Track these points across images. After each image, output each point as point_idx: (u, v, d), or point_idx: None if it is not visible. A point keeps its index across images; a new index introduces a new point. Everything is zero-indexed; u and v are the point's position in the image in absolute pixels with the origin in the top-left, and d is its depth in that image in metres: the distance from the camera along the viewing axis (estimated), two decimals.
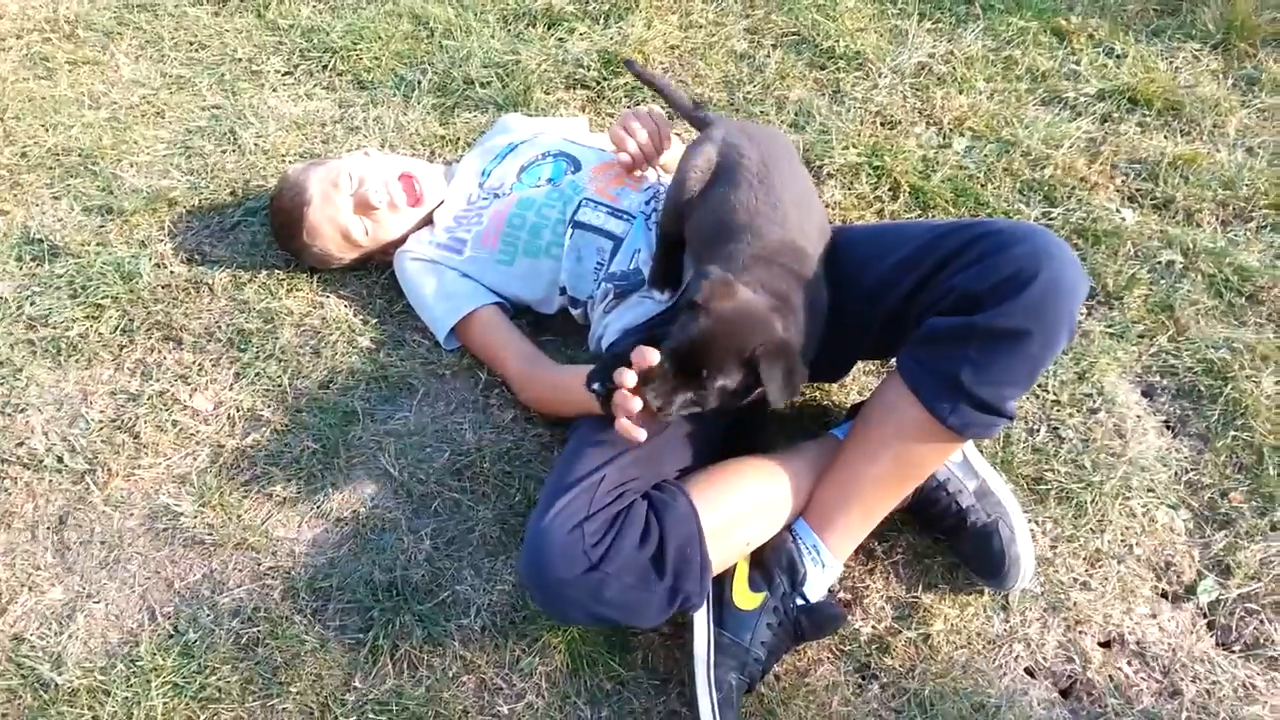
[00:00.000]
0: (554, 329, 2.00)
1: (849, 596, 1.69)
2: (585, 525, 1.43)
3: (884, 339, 1.58)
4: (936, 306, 1.45)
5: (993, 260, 1.39)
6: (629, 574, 1.42)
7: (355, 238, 2.00)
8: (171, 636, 1.63)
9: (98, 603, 1.67)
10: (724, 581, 1.58)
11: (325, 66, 2.60)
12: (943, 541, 1.72)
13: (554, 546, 1.41)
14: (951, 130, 2.37)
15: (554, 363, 1.87)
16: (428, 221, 2.05)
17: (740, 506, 1.56)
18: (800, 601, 1.56)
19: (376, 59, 2.60)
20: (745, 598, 1.56)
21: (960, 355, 1.39)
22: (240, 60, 2.63)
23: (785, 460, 1.65)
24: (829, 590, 1.61)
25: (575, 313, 1.93)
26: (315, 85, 2.56)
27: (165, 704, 1.55)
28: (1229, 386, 1.90)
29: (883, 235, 1.65)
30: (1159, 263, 2.10)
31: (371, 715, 1.54)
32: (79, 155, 2.35)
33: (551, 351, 1.92)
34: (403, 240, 2.04)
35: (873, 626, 1.66)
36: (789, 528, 1.60)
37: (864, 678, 1.61)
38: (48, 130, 2.42)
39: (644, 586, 1.44)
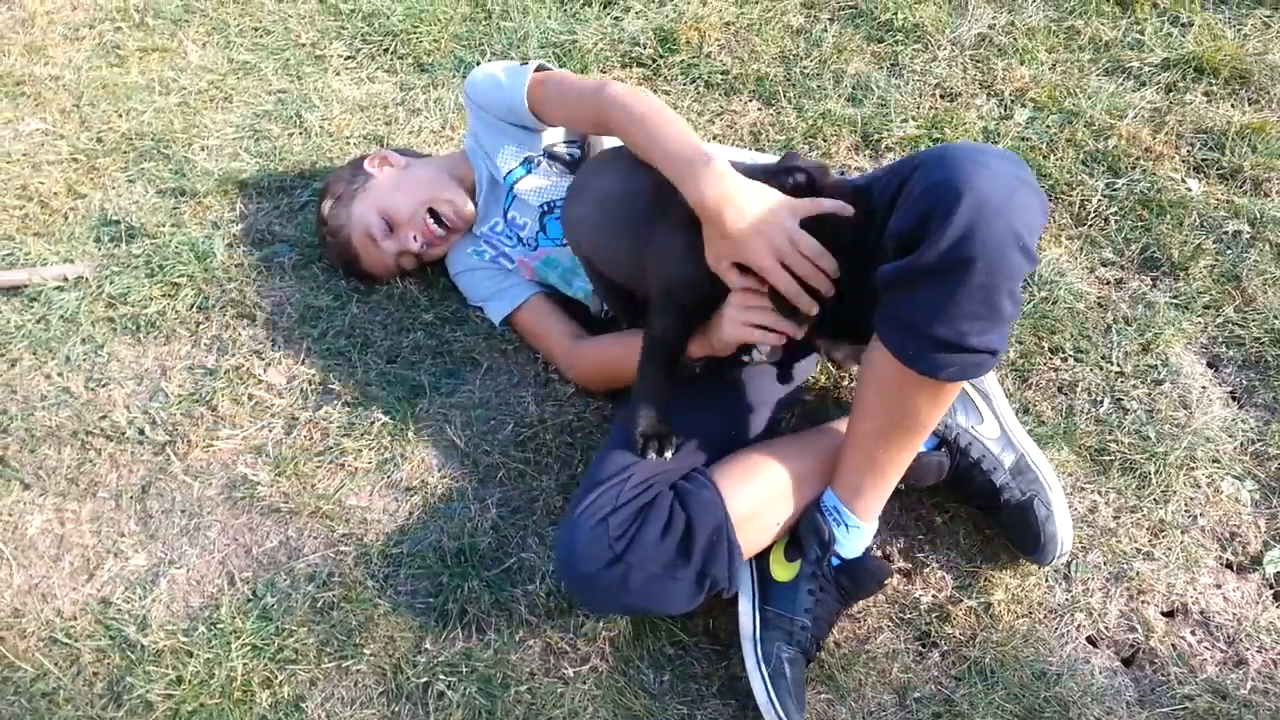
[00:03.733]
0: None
1: (909, 565, 1.70)
2: (610, 519, 1.49)
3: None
4: (887, 255, 1.36)
5: (915, 196, 1.29)
6: (653, 563, 1.47)
7: (407, 268, 2.07)
8: (250, 600, 1.69)
9: (179, 568, 1.74)
10: (764, 559, 1.62)
11: (386, 50, 2.64)
12: (981, 515, 1.73)
13: (580, 542, 1.48)
14: (1013, 101, 2.35)
15: (599, 338, 1.88)
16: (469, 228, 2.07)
17: (767, 490, 1.58)
18: (835, 562, 1.57)
19: (436, 41, 2.64)
20: (783, 569, 1.59)
21: (909, 298, 1.31)
22: (304, 45, 2.69)
23: (813, 438, 1.68)
24: (869, 550, 1.60)
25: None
26: (377, 68, 2.61)
27: (245, 664, 1.61)
28: None
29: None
30: (1225, 233, 2.07)
31: (442, 676, 1.59)
32: (152, 140, 2.42)
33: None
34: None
35: (933, 595, 1.67)
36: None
37: (924, 645, 1.63)
38: (121, 116, 2.50)
39: (669, 574, 1.48)
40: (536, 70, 1.82)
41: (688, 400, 1.67)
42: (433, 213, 1.99)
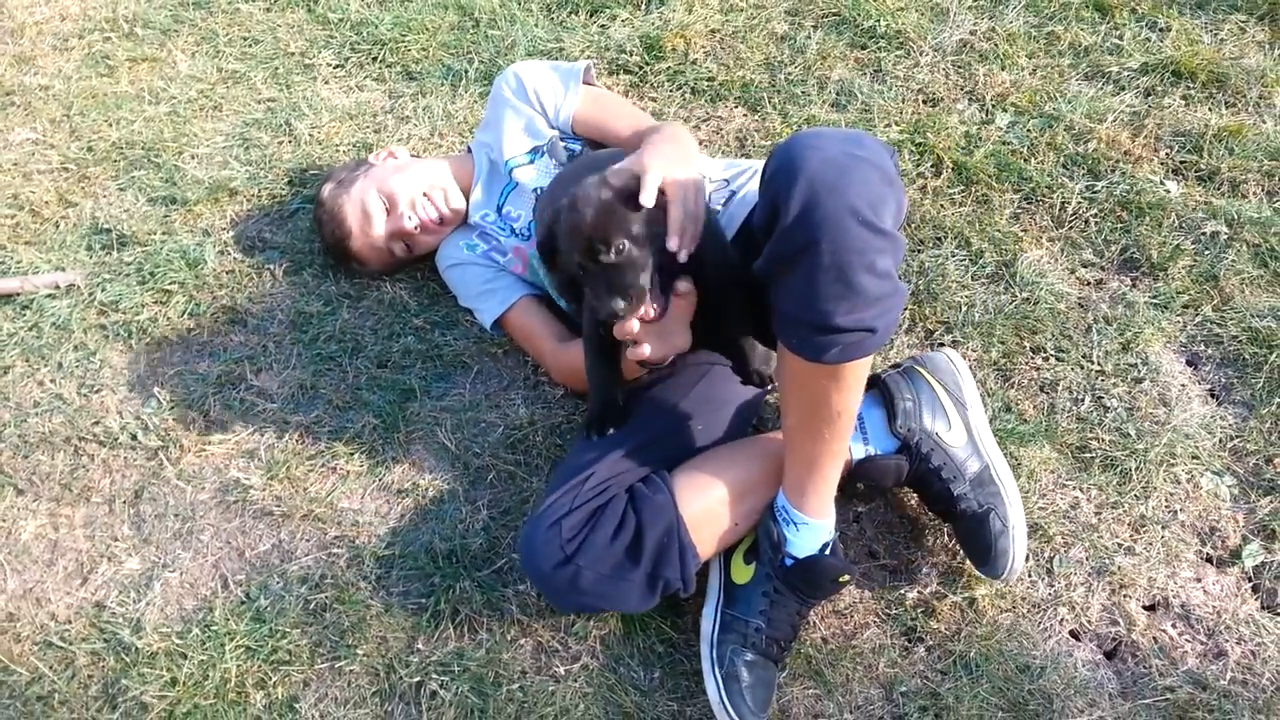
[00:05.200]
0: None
1: (895, 562, 1.73)
2: (564, 521, 1.53)
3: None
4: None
5: (764, 189, 1.33)
6: (603, 565, 1.51)
7: (398, 255, 2.08)
8: (244, 603, 1.71)
9: (173, 572, 1.75)
10: (729, 564, 1.65)
11: (375, 58, 2.66)
12: (938, 521, 1.75)
13: (536, 542, 1.53)
14: (994, 106, 2.38)
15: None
16: (463, 220, 2.10)
17: (723, 493, 1.61)
18: (789, 562, 1.57)
19: (424, 50, 2.66)
20: (740, 572, 1.63)
21: (781, 289, 1.34)
22: (293, 54, 2.71)
23: (769, 442, 1.70)
24: (827, 548, 1.59)
25: None
26: (366, 77, 2.63)
27: (239, 666, 1.63)
28: (1274, 354, 1.91)
29: None
30: (1203, 234, 2.10)
31: (435, 675, 1.61)
32: (142, 149, 2.44)
33: None
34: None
35: (918, 591, 1.69)
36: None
37: (910, 640, 1.65)
38: (111, 125, 2.51)
39: (619, 576, 1.52)
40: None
41: (654, 404, 1.71)
42: (428, 199, 2.04)
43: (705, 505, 1.58)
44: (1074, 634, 1.65)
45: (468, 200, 2.08)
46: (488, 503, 1.80)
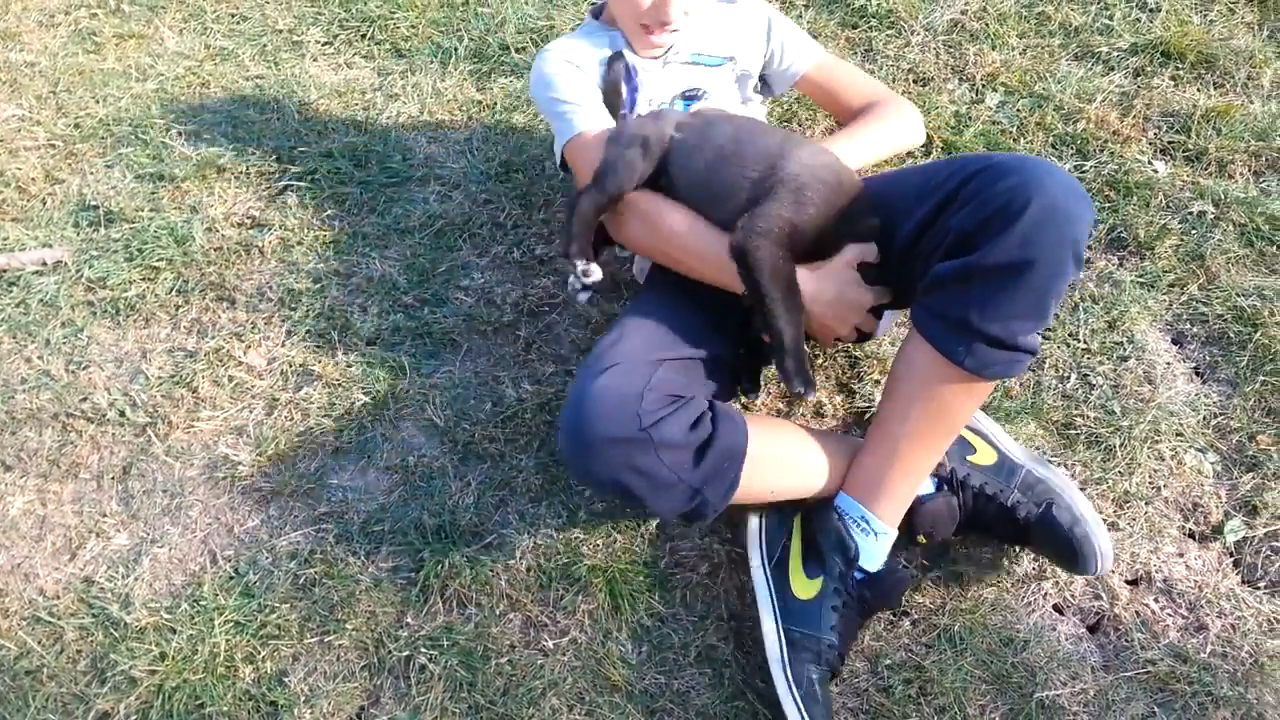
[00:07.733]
0: None
1: None
2: (646, 393, 1.43)
3: (900, 289, 1.56)
4: (938, 251, 1.41)
5: (984, 196, 1.34)
6: (669, 452, 1.41)
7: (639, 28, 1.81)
8: (232, 578, 1.71)
9: (161, 547, 1.76)
10: (784, 577, 1.59)
11: (363, 36, 2.65)
12: (1022, 549, 1.70)
13: (608, 402, 1.40)
14: (984, 86, 2.38)
15: (674, 204, 1.66)
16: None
17: (783, 452, 1.58)
18: (859, 576, 1.55)
19: (413, 27, 2.65)
20: (804, 587, 1.57)
21: (965, 296, 1.36)
22: (281, 31, 2.69)
23: (830, 438, 1.66)
24: (889, 561, 1.58)
25: None
26: (354, 54, 2.62)
27: (228, 640, 1.63)
28: (1259, 333, 1.92)
29: (886, 184, 1.61)
30: (1190, 213, 2.11)
31: (424, 649, 1.62)
32: (129, 125, 2.42)
33: None
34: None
35: (903, 566, 1.70)
36: (834, 507, 1.58)
37: (895, 614, 1.67)
38: (98, 102, 2.50)
39: (676, 470, 1.42)
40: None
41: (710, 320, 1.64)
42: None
43: (764, 454, 1.52)
44: (1057, 608, 1.67)
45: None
46: (477, 479, 1.80)
